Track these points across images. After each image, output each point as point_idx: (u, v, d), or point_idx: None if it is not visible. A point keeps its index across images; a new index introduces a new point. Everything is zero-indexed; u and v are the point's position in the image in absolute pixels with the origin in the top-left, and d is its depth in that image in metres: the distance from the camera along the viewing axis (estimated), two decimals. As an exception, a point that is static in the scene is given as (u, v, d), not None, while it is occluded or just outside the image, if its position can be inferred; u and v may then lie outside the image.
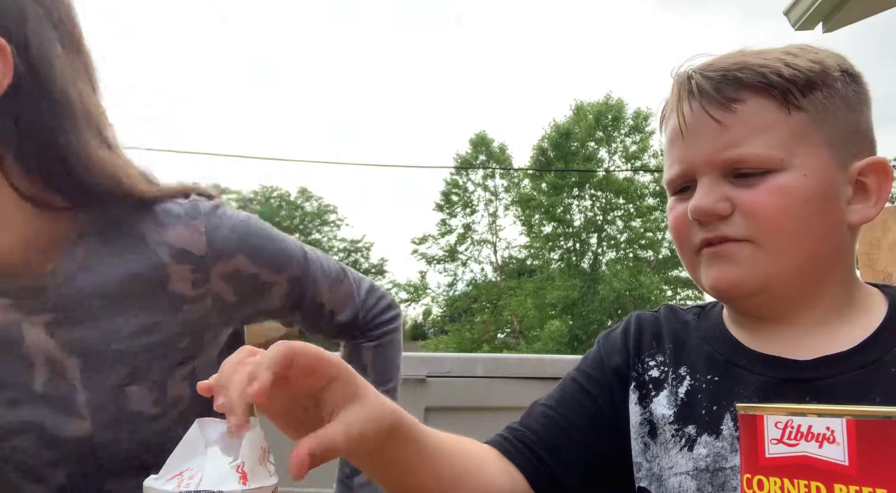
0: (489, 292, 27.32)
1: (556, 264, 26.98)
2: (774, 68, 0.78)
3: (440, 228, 28.55)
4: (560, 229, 26.99)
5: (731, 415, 0.79)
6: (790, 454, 0.42)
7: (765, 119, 0.77)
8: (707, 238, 0.79)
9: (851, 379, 0.75)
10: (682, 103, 0.80)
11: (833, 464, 0.40)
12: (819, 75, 0.79)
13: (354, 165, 59.01)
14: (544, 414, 0.89)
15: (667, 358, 0.87)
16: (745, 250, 0.77)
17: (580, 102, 27.40)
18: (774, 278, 0.77)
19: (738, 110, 0.77)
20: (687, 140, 0.80)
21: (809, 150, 0.77)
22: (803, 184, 0.76)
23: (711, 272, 0.79)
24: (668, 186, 0.85)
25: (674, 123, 0.82)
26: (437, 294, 29.51)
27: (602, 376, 0.90)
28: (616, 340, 0.92)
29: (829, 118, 0.78)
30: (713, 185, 0.78)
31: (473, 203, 28.53)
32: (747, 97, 0.78)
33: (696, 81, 0.80)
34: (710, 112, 0.78)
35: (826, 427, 0.41)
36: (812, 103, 0.78)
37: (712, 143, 0.78)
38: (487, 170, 28.37)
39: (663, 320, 0.91)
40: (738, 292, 0.79)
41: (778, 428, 0.43)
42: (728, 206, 0.77)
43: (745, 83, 0.78)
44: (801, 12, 4.33)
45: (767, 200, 0.76)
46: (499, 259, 28.59)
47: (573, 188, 26.83)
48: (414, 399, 2.09)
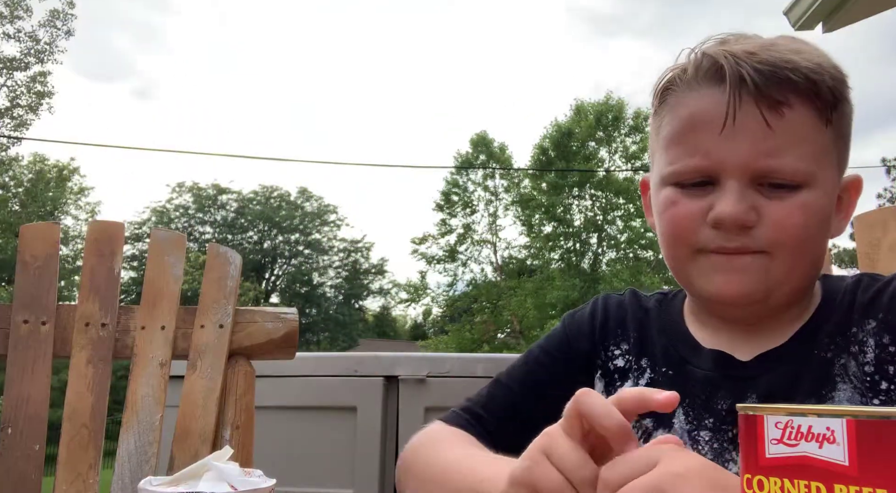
0: (489, 292, 27.28)
1: (556, 264, 26.94)
2: (822, 76, 0.73)
3: (440, 229, 28.52)
4: (560, 229, 26.94)
5: (682, 409, 0.80)
6: (790, 454, 0.42)
7: (806, 131, 0.74)
8: (724, 246, 0.75)
9: (785, 374, 0.77)
10: (734, 91, 0.72)
11: (833, 464, 0.40)
12: (844, 87, 0.76)
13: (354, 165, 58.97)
14: (507, 400, 0.91)
15: (631, 347, 0.88)
16: (760, 262, 0.75)
17: (581, 101, 27.38)
18: (779, 290, 0.77)
19: (786, 116, 0.73)
20: (724, 134, 0.73)
21: (829, 167, 0.76)
22: (822, 202, 0.76)
23: (718, 278, 0.76)
24: (675, 175, 0.77)
25: (700, 109, 0.75)
26: (437, 294, 29.48)
27: (568, 360, 0.91)
28: (583, 323, 0.93)
29: (843, 134, 0.78)
30: (744, 192, 0.73)
31: (473, 203, 28.50)
32: (795, 103, 0.73)
33: (748, 71, 0.72)
34: (763, 112, 0.72)
35: (826, 427, 0.41)
36: (839, 118, 0.76)
37: (753, 146, 0.73)
38: (487, 170, 28.34)
39: (628, 305, 0.92)
40: (743, 301, 0.78)
41: (778, 428, 0.43)
42: (756, 216, 0.74)
43: (796, 87, 0.73)
44: (801, 12, 4.33)
45: (795, 217, 0.74)
46: (499, 259, 28.56)
47: (573, 188, 26.79)
48: (414, 399, 2.10)
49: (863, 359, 0.76)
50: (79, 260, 20.50)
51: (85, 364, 1.26)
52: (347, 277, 33.35)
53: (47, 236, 1.33)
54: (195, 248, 26.70)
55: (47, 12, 22.52)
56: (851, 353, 0.77)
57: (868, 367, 0.76)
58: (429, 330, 33.98)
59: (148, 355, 1.27)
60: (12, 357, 1.25)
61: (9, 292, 18.29)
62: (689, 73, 0.77)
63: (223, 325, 1.29)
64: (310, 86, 51.30)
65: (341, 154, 51.04)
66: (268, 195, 32.13)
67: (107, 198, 44.21)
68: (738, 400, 0.77)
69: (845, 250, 17.12)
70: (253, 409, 1.27)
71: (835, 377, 0.76)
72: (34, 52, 22.68)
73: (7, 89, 22.45)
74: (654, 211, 0.83)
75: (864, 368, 0.76)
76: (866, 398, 0.75)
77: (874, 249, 1.24)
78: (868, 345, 0.77)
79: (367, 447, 2.09)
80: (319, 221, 32.87)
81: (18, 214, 22.84)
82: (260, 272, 32.33)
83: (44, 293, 1.29)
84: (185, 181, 31.13)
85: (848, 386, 0.76)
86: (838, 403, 0.75)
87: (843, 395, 0.75)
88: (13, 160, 23.86)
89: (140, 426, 1.23)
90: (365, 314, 35.52)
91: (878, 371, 0.75)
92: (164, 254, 1.34)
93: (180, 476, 0.65)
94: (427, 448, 0.86)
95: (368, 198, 50.36)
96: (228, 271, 1.33)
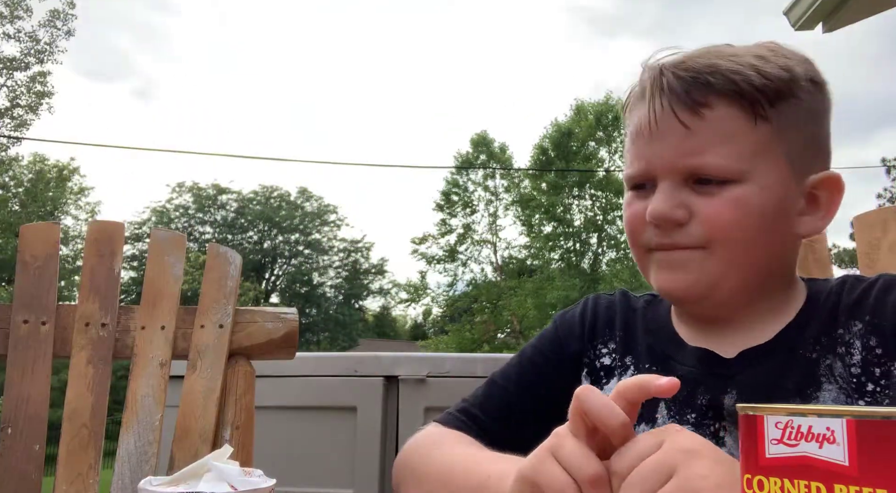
0: (489, 292, 27.29)
1: (556, 264, 26.95)
2: (746, 76, 0.76)
3: (440, 229, 28.53)
4: (560, 229, 26.95)
5: (664, 404, 0.82)
6: (790, 454, 0.42)
7: (731, 128, 0.77)
8: (662, 243, 0.80)
9: (767, 371, 0.78)
10: (653, 100, 0.79)
11: (833, 464, 0.40)
12: (787, 85, 0.78)
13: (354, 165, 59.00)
14: (502, 400, 0.92)
15: (617, 346, 0.90)
16: (696, 257, 0.78)
17: (581, 101, 27.39)
18: (720, 285, 0.79)
19: (706, 116, 0.77)
20: (652, 138, 0.79)
21: (769, 162, 0.78)
22: (760, 197, 0.77)
23: (661, 275, 0.81)
24: (627, 181, 0.84)
25: (640, 118, 0.81)
26: (437, 294, 29.50)
27: (559, 359, 0.92)
28: (573, 323, 0.94)
29: (791, 130, 0.79)
30: (673, 190, 0.78)
31: (474, 203, 28.51)
32: (716, 103, 0.77)
33: (668, 79, 0.78)
34: (678, 114, 0.77)
35: (826, 427, 0.41)
36: (778, 114, 0.78)
37: (676, 146, 0.78)
38: (488, 170, 28.35)
39: (617, 305, 0.94)
40: (685, 296, 0.81)
41: (778, 428, 0.43)
42: (685, 213, 0.78)
43: (715, 89, 0.77)
44: (801, 12, 4.33)
45: (725, 212, 0.76)
46: (499, 259, 28.57)
47: (573, 188, 26.80)
48: (414, 399, 2.10)
49: (849, 360, 0.77)
50: (79, 260, 20.50)
51: (85, 364, 1.26)
52: (347, 277, 33.36)
53: (47, 236, 1.33)
54: (195, 248, 26.70)
55: (47, 12, 22.55)
56: (838, 354, 0.78)
57: (854, 368, 0.77)
58: (429, 330, 34.00)
59: (148, 355, 1.27)
60: (12, 357, 1.25)
61: (9, 292, 18.30)
62: (636, 88, 0.84)
63: (223, 325, 1.29)
64: (310, 86, 51.35)
65: (341, 154, 51.10)
66: (268, 195, 32.14)
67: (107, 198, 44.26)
68: (718, 396, 0.80)
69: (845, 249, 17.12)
70: (253, 409, 1.27)
71: (820, 378, 0.77)
72: (34, 53, 22.69)
73: (7, 89, 22.47)
74: None
75: (851, 369, 0.77)
76: (852, 399, 0.76)
77: (874, 249, 1.24)
78: (855, 346, 0.77)
79: (367, 447, 2.09)
80: (319, 221, 32.88)
81: (18, 214, 22.84)
82: (260, 272, 32.33)
83: (44, 293, 1.29)
84: (185, 181, 31.19)
85: (834, 387, 0.76)
86: (823, 403, 0.76)
87: (829, 395, 0.76)
88: (13, 160, 23.87)
89: (140, 426, 1.23)
90: (365, 314, 35.53)
91: (865, 373, 0.76)
92: (164, 254, 1.34)
93: (180, 476, 0.65)
94: (427, 449, 0.86)
95: (368, 198, 50.41)
96: (228, 271, 1.33)
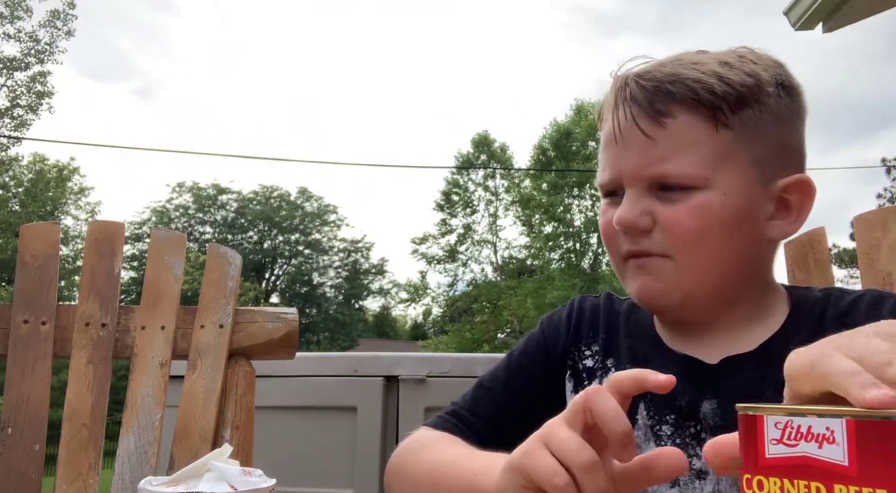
0: (489, 293, 27.28)
1: (556, 264, 26.95)
2: (707, 84, 0.77)
3: (440, 228, 28.52)
4: (560, 229, 26.95)
5: (643, 404, 0.82)
6: (790, 454, 0.42)
7: (692, 136, 0.77)
8: (632, 250, 0.81)
9: (750, 379, 0.78)
10: (617, 110, 0.80)
11: (833, 464, 0.40)
12: (751, 91, 0.78)
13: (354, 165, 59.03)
14: (491, 403, 0.92)
15: (600, 348, 0.90)
16: (664, 264, 0.79)
17: (581, 101, 27.40)
18: (691, 292, 0.80)
19: (668, 126, 0.78)
20: (619, 147, 0.80)
21: (733, 168, 0.78)
22: (723, 203, 0.77)
23: (635, 283, 0.82)
24: (600, 188, 0.85)
25: (608, 128, 0.82)
26: (437, 294, 29.50)
27: (547, 361, 0.93)
28: (560, 324, 0.95)
29: (756, 136, 0.79)
30: (638, 198, 0.79)
31: (474, 203, 28.51)
32: (677, 112, 0.77)
33: (631, 90, 0.79)
34: (640, 125, 0.78)
35: (826, 428, 0.41)
36: (741, 121, 0.78)
37: (640, 156, 0.79)
38: (488, 170, 28.35)
39: (602, 308, 0.94)
40: (658, 303, 0.82)
41: (778, 428, 0.42)
42: (649, 220, 0.79)
43: (675, 98, 0.78)
44: (801, 12, 4.33)
45: (686, 219, 0.77)
46: (499, 259, 28.58)
47: (573, 188, 26.80)
48: (414, 399, 2.10)
49: None
50: (79, 260, 20.50)
51: (85, 364, 1.26)
52: (347, 277, 33.36)
53: (47, 236, 1.33)
54: (195, 248, 26.71)
55: (48, 12, 22.54)
56: None
57: None
58: (429, 330, 34.01)
59: (148, 355, 1.27)
60: (12, 357, 1.25)
61: (9, 292, 18.30)
62: (608, 97, 0.85)
63: (223, 325, 1.29)
64: (310, 86, 51.37)
65: (341, 154, 51.11)
66: (268, 195, 32.14)
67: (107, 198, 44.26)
68: (698, 398, 0.80)
69: (845, 249, 17.12)
70: (253, 409, 1.27)
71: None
72: (34, 53, 22.69)
73: (7, 89, 22.47)
74: None
75: None
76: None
77: (874, 249, 1.24)
78: None
79: (367, 447, 2.09)
80: (319, 221, 32.88)
81: (18, 214, 22.83)
82: (260, 272, 32.34)
83: (44, 293, 1.29)
84: (185, 181, 31.18)
85: None
86: None
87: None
88: (13, 160, 23.86)
89: (140, 426, 1.23)
90: (365, 314, 35.53)
91: None
92: (164, 254, 1.34)
93: (180, 476, 0.65)
94: (418, 451, 0.87)
95: (368, 198, 50.42)
96: (228, 271, 1.33)
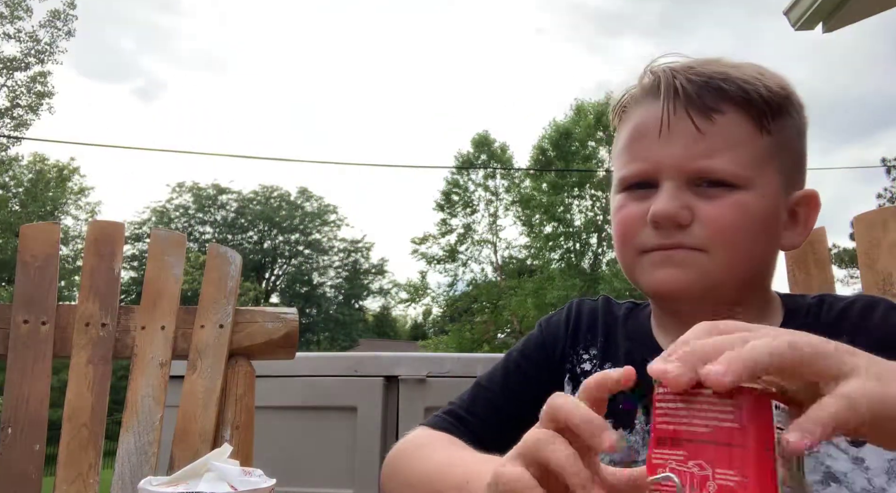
0: (489, 292, 27.28)
1: (556, 264, 26.94)
2: (755, 86, 0.79)
3: (440, 228, 28.53)
4: (560, 229, 26.95)
5: (642, 409, 0.83)
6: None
7: (739, 135, 0.79)
8: (661, 243, 0.80)
9: None
10: (667, 101, 0.79)
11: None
12: (785, 101, 0.81)
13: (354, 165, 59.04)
14: (489, 403, 0.92)
15: (598, 352, 0.91)
16: (696, 257, 0.79)
17: (580, 101, 27.39)
18: (717, 286, 0.80)
19: (717, 121, 0.78)
20: (660, 139, 0.80)
21: (769, 173, 0.80)
22: (760, 205, 0.79)
23: (658, 274, 0.81)
24: (623, 181, 0.84)
25: (645, 119, 0.82)
26: (437, 294, 29.50)
27: (545, 363, 0.93)
28: (559, 327, 0.95)
29: (786, 145, 0.82)
30: (677, 191, 0.79)
31: (474, 203, 28.51)
32: (727, 109, 0.78)
33: (681, 82, 0.79)
34: (692, 117, 0.78)
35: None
36: (777, 128, 0.80)
37: (686, 148, 0.79)
38: (488, 170, 28.35)
39: (600, 311, 0.95)
40: (681, 295, 0.82)
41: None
42: (689, 215, 0.79)
43: (727, 95, 0.78)
44: (801, 12, 4.33)
45: (728, 215, 0.78)
46: (499, 259, 28.57)
47: (573, 188, 26.80)
48: (414, 399, 2.10)
49: None
50: (79, 260, 20.49)
51: (85, 364, 1.26)
52: (347, 277, 33.36)
53: (47, 236, 1.33)
54: (195, 248, 26.71)
55: (48, 12, 22.55)
56: None
57: None
58: (429, 330, 34.01)
59: (148, 355, 1.27)
60: (12, 357, 1.25)
61: (9, 292, 18.30)
62: (636, 91, 0.85)
63: (223, 325, 1.29)
64: (310, 86, 51.36)
65: (341, 154, 51.10)
66: (268, 195, 32.14)
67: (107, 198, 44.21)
68: None
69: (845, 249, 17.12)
70: (253, 409, 1.27)
71: None
72: (34, 53, 22.69)
73: (7, 89, 22.47)
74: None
75: None
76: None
77: (874, 249, 1.24)
78: None
79: (367, 447, 2.09)
80: (319, 221, 32.88)
81: (18, 214, 22.83)
82: (260, 272, 32.34)
83: (44, 293, 1.29)
84: (185, 181, 31.19)
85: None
86: None
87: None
88: (13, 160, 23.86)
89: (140, 426, 1.23)
90: (365, 314, 35.53)
91: None
92: (164, 254, 1.34)
93: (180, 476, 0.65)
94: (411, 452, 0.87)
95: (368, 198, 50.42)
96: (228, 271, 1.33)
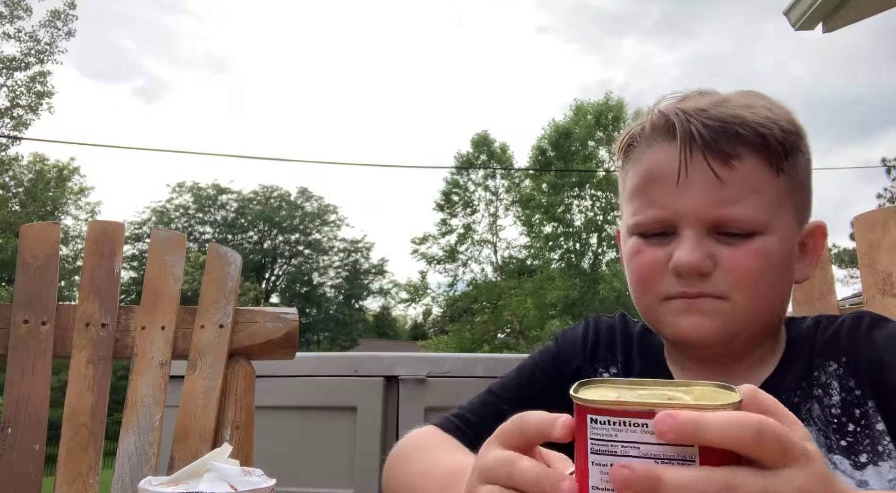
0: (489, 293, 27.28)
1: (556, 264, 26.94)
2: (770, 129, 0.77)
3: (440, 229, 28.54)
4: (560, 229, 26.95)
5: None
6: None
7: (758, 180, 0.77)
8: (685, 292, 0.79)
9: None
10: (684, 147, 0.77)
11: None
12: (796, 138, 0.80)
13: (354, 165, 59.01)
14: (499, 410, 0.90)
15: (619, 370, 0.91)
16: (720, 305, 0.78)
17: (580, 101, 27.38)
18: (740, 332, 0.80)
19: (736, 168, 0.76)
20: (678, 187, 0.77)
21: (785, 213, 0.80)
22: (779, 247, 0.78)
23: (683, 322, 0.79)
24: (639, 226, 0.82)
25: (657, 163, 0.79)
26: (437, 294, 29.51)
27: (560, 376, 0.93)
28: (576, 342, 0.95)
29: (799, 182, 0.81)
30: (699, 240, 0.77)
31: (474, 203, 28.51)
32: (744, 155, 0.77)
33: (696, 127, 0.77)
34: (711, 164, 0.76)
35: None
36: (791, 167, 0.79)
37: (705, 196, 0.77)
38: (488, 170, 28.34)
39: (618, 329, 0.94)
40: (706, 342, 0.81)
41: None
42: (712, 263, 0.77)
43: (744, 140, 0.77)
44: (801, 12, 4.33)
45: (750, 263, 0.77)
46: (499, 259, 28.57)
47: (573, 188, 26.80)
48: (414, 399, 2.10)
49: (827, 401, 0.78)
50: (79, 260, 20.50)
51: (85, 364, 1.26)
52: (347, 277, 33.35)
53: (47, 236, 1.33)
54: (195, 248, 26.70)
55: (48, 12, 22.54)
56: (815, 396, 0.79)
57: (834, 409, 0.78)
58: (429, 330, 34.00)
59: (148, 355, 1.27)
60: (12, 357, 1.25)
61: (9, 292, 18.29)
62: (646, 131, 0.82)
63: (223, 325, 1.29)
64: (310, 86, 51.34)
65: (341, 154, 51.08)
66: (268, 195, 32.14)
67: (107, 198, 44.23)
68: None
69: (845, 249, 17.12)
70: (253, 409, 1.27)
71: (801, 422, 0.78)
72: (34, 53, 22.68)
73: (7, 89, 22.46)
74: (624, 259, 0.88)
75: (831, 410, 0.78)
76: (831, 440, 0.77)
77: (874, 249, 1.24)
78: (832, 387, 0.79)
79: (367, 447, 2.09)
80: (319, 221, 32.87)
81: (18, 214, 22.83)
82: (260, 272, 32.33)
83: (44, 293, 1.29)
84: (185, 181, 31.18)
85: (813, 429, 0.78)
86: None
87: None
88: (13, 160, 23.85)
89: (140, 426, 1.23)
90: (365, 314, 35.52)
91: (845, 413, 0.77)
92: (164, 254, 1.34)
93: (180, 476, 0.65)
94: (411, 452, 0.87)
95: (368, 198, 50.41)
96: (228, 271, 1.33)
